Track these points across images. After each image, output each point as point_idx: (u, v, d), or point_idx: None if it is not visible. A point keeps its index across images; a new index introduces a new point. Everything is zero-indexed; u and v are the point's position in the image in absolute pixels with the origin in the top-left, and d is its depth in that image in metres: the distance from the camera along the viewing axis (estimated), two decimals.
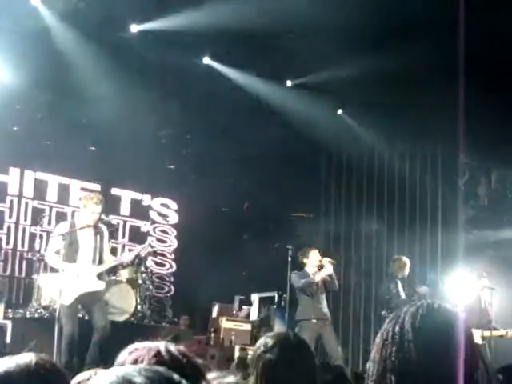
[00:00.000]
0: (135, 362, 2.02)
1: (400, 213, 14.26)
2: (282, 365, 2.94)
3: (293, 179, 14.05)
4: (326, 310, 10.41)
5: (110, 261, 9.11)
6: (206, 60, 12.96)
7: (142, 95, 12.90)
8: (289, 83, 13.70)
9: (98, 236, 8.63)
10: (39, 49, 11.64)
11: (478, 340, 10.17)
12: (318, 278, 10.27)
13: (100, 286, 8.63)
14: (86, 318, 9.25)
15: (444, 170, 13.87)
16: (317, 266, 10.39)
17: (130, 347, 2.05)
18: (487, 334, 10.24)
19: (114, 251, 11.42)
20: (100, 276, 8.65)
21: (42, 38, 11.48)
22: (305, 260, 10.41)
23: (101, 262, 8.63)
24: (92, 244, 8.56)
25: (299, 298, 10.45)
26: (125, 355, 2.02)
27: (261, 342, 3.15)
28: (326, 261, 10.43)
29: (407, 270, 11.03)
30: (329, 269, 10.34)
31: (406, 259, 11.17)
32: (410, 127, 13.15)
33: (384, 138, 14.04)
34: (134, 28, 11.99)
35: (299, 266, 10.54)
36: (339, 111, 14.39)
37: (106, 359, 7.94)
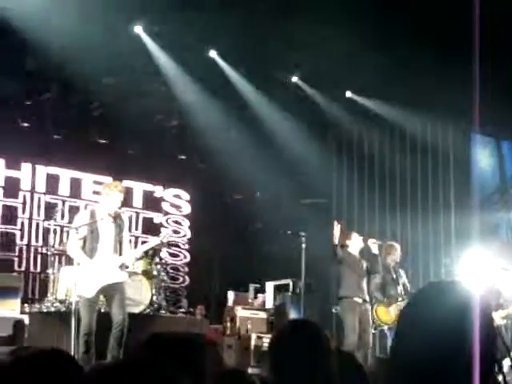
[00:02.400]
0: None
1: (412, 194, 14.22)
2: (297, 352, 2.94)
3: (305, 165, 14.05)
4: (366, 292, 10.36)
5: (133, 251, 9.04)
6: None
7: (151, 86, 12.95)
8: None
9: (118, 225, 8.51)
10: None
11: (497, 320, 10.17)
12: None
13: (123, 277, 8.52)
14: (103, 310, 9.27)
15: (456, 147, 13.79)
16: (360, 248, 10.41)
17: None
18: (504, 313, 10.25)
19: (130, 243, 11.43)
20: (121, 267, 8.55)
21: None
22: (347, 242, 10.39)
23: (121, 252, 8.49)
24: (112, 234, 8.37)
25: (341, 273, 10.40)
26: None
27: (276, 330, 3.15)
28: (372, 241, 10.45)
29: (398, 258, 10.93)
30: (374, 249, 10.38)
31: (397, 246, 11.08)
32: (420, 109, 13.11)
33: (392, 121, 14.01)
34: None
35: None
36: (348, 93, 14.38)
37: (124, 351, 8.01)
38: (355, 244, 10.43)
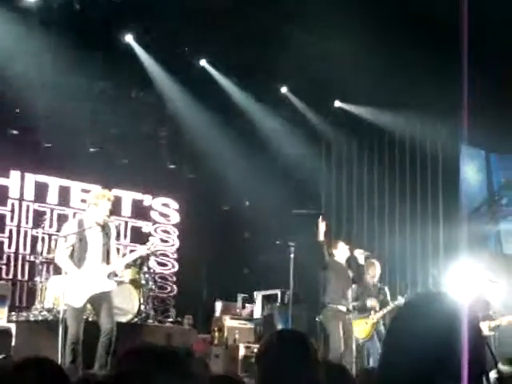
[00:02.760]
0: None
1: (401, 206, 14.25)
2: (285, 362, 2.94)
3: (296, 175, 14.09)
4: (351, 301, 10.36)
5: (121, 260, 9.03)
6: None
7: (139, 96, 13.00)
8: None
9: (106, 234, 8.52)
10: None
11: (485, 331, 10.20)
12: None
13: (111, 286, 8.53)
14: (90, 319, 9.24)
15: (445, 158, 13.84)
16: (347, 257, 10.42)
17: None
18: (493, 324, 10.29)
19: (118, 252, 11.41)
20: (109, 276, 8.54)
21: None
22: (334, 251, 10.40)
23: (108, 261, 8.49)
24: (100, 243, 8.38)
25: (327, 280, 10.40)
26: None
27: (264, 339, 3.15)
28: (359, 252, 10.47)
29: (377, 274, 11.01)
30: (361, 259, 10.42)
31: (376, 263, 11.14)
32: (410, 118, 13.17)
33: (383, 129, 14.07)
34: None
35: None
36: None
37: (112, 360, 7.98)
38: (341, 253, 10.45)
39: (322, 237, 10.21)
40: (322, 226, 10.23)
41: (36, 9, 11.35)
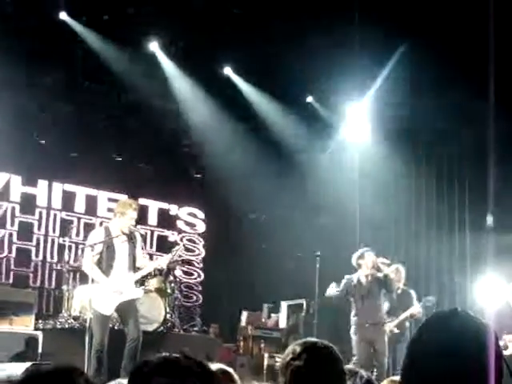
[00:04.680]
0: None
1: (428, 216, 14.16)
2: (310, 372, 2.95)
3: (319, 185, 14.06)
4: (380, 313, 10.25)
5: (147, 267, 9.10)
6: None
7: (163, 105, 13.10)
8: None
9: (132, 243, 8.57)
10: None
11: None
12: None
13: (138, 293, 8.61)
14: (116, 327, 9.29)
15: (471, 173, 13.74)
16: (371, 267, 10.32)
17: None
18: None
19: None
20: (136, 284, 8.61)
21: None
22: (360, 261, 10.32)
23: (135, 269, 8.55)
24: (127, 251, 8.46)
25: (352, 304, 10.29)
26: None
27: (289, 349, 3.15)
28: (380, 261, 10.39)
29: (402, 280, 10.95)
30: (385, 269, 10.34)
31: (400, 268, 11.08)
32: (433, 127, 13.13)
33: (405, 139, 14.02)
34: None
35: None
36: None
37: None
38: (367, 263, 10.34)
39: (365, 272, 10.16)
40: (370, 259, 10.20)
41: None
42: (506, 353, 9.81)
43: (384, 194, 14.52)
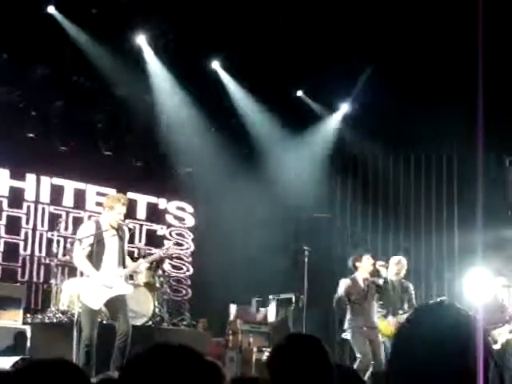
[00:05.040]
0: None
1: (416, 211, 14.21)
2: (298, 365, 2.95)
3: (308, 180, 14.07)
4: (375, 317, 10.21)
5: (137, 263, 9.11)
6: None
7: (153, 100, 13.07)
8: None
9: (121, 237, 8.56)
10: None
11: (506, 335, 10.15)
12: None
13: (128, 289, 8.61)
14: (105, 321, 9.28)
15: (460, 166, 13.79)
16: (370, 271, 10.28)
17: None
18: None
19: (130, 255, 11.46)
20: (126, 279, 8.61)
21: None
22: (357, 264, 10.28)
23: (124, 264, 8.54)
24: (116, 246, 8.47)
25: (346, 310, 10.28)
26: None
27: (277, 343, 3.16)
28: (379, 264, 10.38)
29: (402, 272, 10.92)
30: (383, 272, 10.32)
31: (402, 260, 11.07)
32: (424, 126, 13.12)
33: (397, 137, 14.02)
34: None
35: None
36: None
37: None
38: (366, 267, 10.30)
39: (363, 275, 10.14)
40: (368, 263, 10.20)
41: None
42: (495, 347, 9.87)
43: (373, 191, 14.60)
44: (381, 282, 10.23)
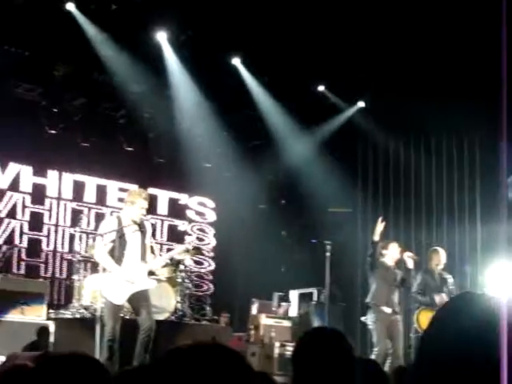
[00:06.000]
0: None
1: (438, 204, 14.13)
2: (320, 360, 2.93)
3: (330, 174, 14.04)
4: (397, 303, 10.26)
5: (159, 258, 9.12)
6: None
7: (174, 95, 13.11)
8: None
9: (143, 233, 8.54)
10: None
11: None
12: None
13: (151, 284, 8.60)
14: (127, 317, 9.31)
15: (482, 158, 13.69)
16: (396, 259, 10.35)
17: None
18: None
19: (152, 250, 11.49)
20: (148, 274, 8.61)
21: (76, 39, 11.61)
22: (384, 251, 10.34)
23: (146, 259, 8.54)
24: (139, 241, 8.44)
25: (373, 281, 10.33)
26: None
27: (299, 338, 3.15)
28: (408, 255, 10.40)
29: (441, 262, 10.88)
30: (410, 263, 10.32)
31: (440, 250, 11.04)
32: (445, 116, 13.04)
33: (417, 129, 13.95)
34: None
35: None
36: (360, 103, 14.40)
37: (150, 358, 8.04)
38: (392, 254, 10.34)
39: (377, 237, 10.17)
40: (379, 227, 10.20)
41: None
42: None
43: (394, 185, 14.54)
44: (402, 272, 10.26)
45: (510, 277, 10.51)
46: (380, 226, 10.22)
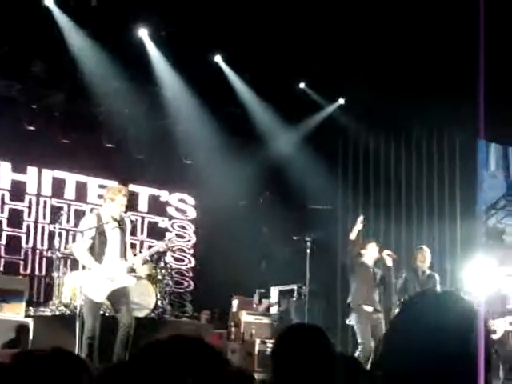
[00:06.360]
0: None
1: (418, 200, 14.20)
2: (299, 356, 2.93)
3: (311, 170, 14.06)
4: (378, 302, 10.32)
5: (139, 256, 9.09)
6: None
7: (155, 92, 13.07)
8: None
9: (122, 229, 8.52)
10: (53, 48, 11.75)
11: (506, 326, 10.17)
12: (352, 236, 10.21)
13: (131, 281, 8.58)
14: (107, 314, 9.29)
15: (462, 154, 13.78)
16: (375, 258, 10.38)
17: None
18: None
19: (132, 247, 11.46)
20: (129, 271, 8.59)
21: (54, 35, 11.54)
22: (362, 251, 10.37)
23: (126, 256, 8.52)
24: (118, 238, 8.41)
25: (352, 281, 10.38)
26: None
27: (278, 334, 3.15)
28: (386, 253, 10.44)
29: (427, 261, 10.95)
30: (388, 261, 10.37)
31: (425, 249, 11.11)
32: (427, 113, 13.10)
33: (400, 125, 14.01)
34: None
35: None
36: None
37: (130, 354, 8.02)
38: (370, 254, 10.40)
39: (353, 236, 10.20)
40: (358, 226, 10.24)
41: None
42: (494, 337, 9.87)
43: (375, 182, 14.59)
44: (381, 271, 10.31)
45: (487, 273, 10.62)
46: (359, 226, 10.26)
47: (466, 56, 8.00)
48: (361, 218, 10.47)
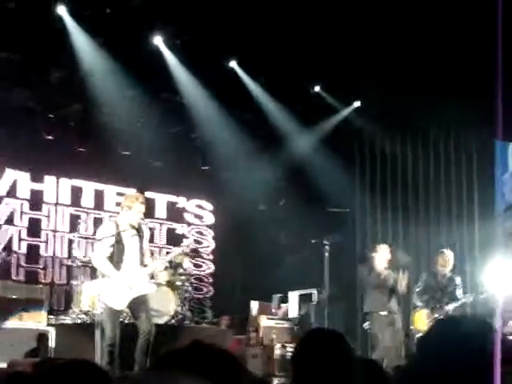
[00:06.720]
0: None
1: (436, 202, 14.15)
2: (319, 361, 2.94)
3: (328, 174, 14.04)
4: (395, 306, 10.30)
5: (157, 262, 9.11)
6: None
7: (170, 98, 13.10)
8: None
9: (140, 237, 8.53)
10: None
11: None
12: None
13: (151, 288, 8.60)
14: (127, 321, 9.31)
15: (479, 155, 13.72)
16: (387, 260, 10.35)
17: None
18: None
19: (152, 255, 11.49)
20: (148, 278, 8.60)
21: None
22: (372, 254, 10.35)
23: (144, 263, 8.53)
24: (137, 245, 8.43)
25: (365, 290, 10.40)
26: None
27: (298, 339, 3.15)
28: (400, 255, 10.45)
29: (448, 264, 10.87)
30: (402, 262, 10.35)
31: (446, 252, 11.04)
32: (444, 114, 13.05)
33: (416, 126, 13.97)
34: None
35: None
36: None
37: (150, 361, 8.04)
38: (382, 256, 10.35)
39: (380, 266, 10.20)
40: (385, 254, 10.25)
41: None
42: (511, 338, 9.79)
43: (392, 185, 14.54)
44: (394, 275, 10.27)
45: (506, 274, 10.54)
46: (385, 254, 10.25)
47: (483, 55, 7.98)
48: (387, 246, 10.43)
